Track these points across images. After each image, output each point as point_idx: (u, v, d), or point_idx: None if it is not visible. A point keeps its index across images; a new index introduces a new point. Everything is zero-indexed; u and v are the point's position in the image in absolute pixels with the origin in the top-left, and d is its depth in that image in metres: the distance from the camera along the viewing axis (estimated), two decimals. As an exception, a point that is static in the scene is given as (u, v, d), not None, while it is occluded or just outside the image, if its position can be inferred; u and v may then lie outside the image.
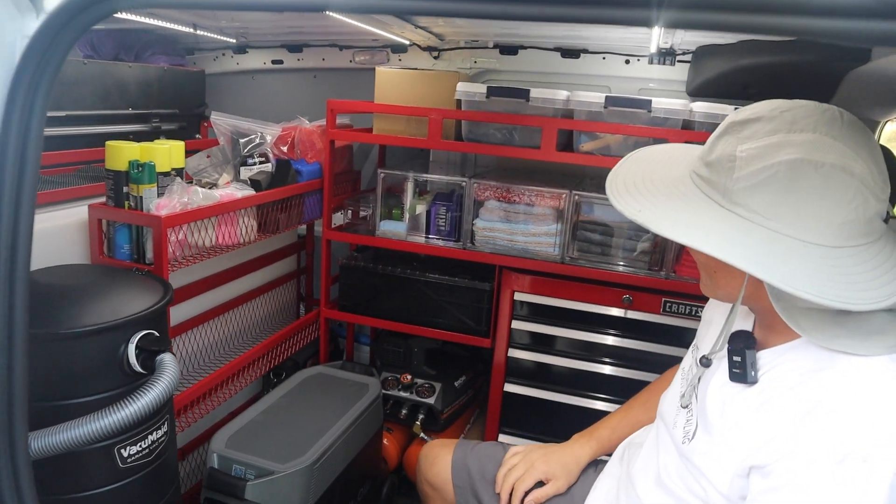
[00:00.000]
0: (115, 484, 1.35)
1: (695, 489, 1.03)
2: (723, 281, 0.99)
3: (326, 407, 2.02)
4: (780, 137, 0.87)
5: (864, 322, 0.88)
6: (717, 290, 1.02)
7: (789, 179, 0.84)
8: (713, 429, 1.01)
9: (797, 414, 0.86)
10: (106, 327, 1.27)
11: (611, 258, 2.14)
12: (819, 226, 0.84)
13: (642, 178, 1.00)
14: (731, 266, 0.86)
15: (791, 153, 0.85)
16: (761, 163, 0.86)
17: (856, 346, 0.85)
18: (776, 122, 0.89)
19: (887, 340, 0.85)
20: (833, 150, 0.84)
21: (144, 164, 1.60)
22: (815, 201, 0.84)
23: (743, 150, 0.88)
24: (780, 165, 0.85)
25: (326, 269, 2.43)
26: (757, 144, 0.88)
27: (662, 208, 0.93)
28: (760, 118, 0.90)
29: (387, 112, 2.23)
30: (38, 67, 0.82)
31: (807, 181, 0.84)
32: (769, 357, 0.97)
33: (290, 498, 1.69)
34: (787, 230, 0.85)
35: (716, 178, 0.90)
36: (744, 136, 0.90)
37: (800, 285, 0.80)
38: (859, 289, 0.81)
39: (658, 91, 2.44)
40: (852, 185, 0.83)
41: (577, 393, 2.20)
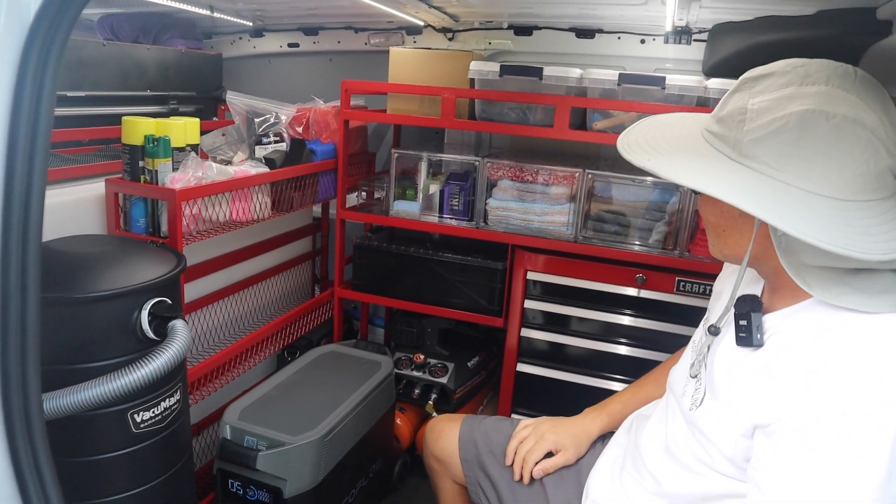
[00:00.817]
0: (129, 449, 1.38)
1: (701, 456, 1.03)
2: (731, 239, 0.99)
3: (338, 383, 2.04)
4: (792, 90, 0.87)
5: (870, 281, 0.87)
6: (724, 249, 1.02)
7: (800, 129, 0.84)
8: (719, 393, 1.00)
9: (801, 372, 0.85)
10: (120, 293, 1.30)
11: (624, 237, 2.13)
12: (828, 177, 0.83)
13: (654, 136, 1.01)
14: (740, 223, 0.86)
15: (802, 104, 0.84)
16: (772, 114, 0.86)
17: (862, 302, 0.85)
18: (789, 76, 0.88)
19: (893, 299, 0.84)
20: (845, 102, 0.84)
21: (159, 138, 1.62)
22: (824, 152, 0.83)
23: (755, 103, 0.88)
24: (791, 116, 0.84)
25: (340, 249, 2.45)
26: (769, 97, 0.88)
27: (673, 159, 0.94)
28: (773, 73, 0.90)
29: (399, 91, 2.24)
30: (50, 26, 0.84)
31: (817, 132, 0.83)
32: (775, 320, 0.96)
33: (300, 469, 1.72)
34: (796, 181, 0.84)
35: (727, 132, 0.90)
36: (756, 90, 0.90)
37: (807, 230, 0.79)
38: (866, 240, 0.80)
39: (674, 71, 2.41)
40: (863, 137, 0.83)
41: (590, 373, 2.20)
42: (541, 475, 1.39)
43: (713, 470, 1.01)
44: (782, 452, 0.85)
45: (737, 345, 1.00)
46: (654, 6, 2.06)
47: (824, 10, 1.86)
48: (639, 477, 1.17)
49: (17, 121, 0.85)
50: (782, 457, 0.85)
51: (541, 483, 1.40)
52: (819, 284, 0.87)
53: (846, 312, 0.86)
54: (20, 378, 0.91)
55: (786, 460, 0.84)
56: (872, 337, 0.83)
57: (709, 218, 1.02)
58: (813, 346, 0.87)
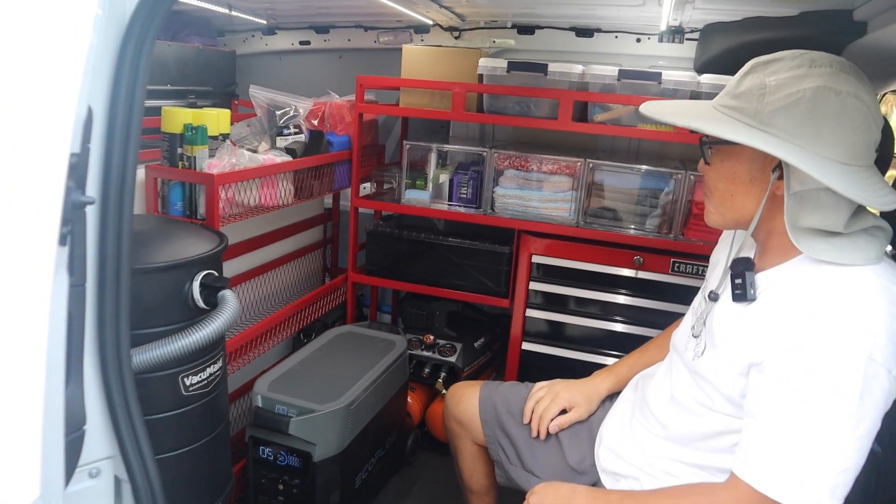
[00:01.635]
0: (179, 410, 1.50)
1: (702, 399, 1.18)
2: (738, 203, 1.13)
3: (357, 360, 2.17)
4: (804, 70, 1.02)
5: (849, 241, 1.03)
6: (729, 214, 1.15)
7: (813, 102, 0.99)
8: (718, 343, 1.15)
9: (788, 316, 1.01)
10: (173, 265, 1.42)
11: (623, 222, 2.28)
12: (835, 143, 1.00)
13: (673, 108, 1.16)
14: (750, 186, 1.06)
15: (814, 81, 1.00)
16: (789, 89, 1.01)
17: (842, 257, 1.01)
18: (798, 59, 1.04)
19: (866, 253, 1.01)
20: (847, 82, 1.00)
21: (198, 127, 1.75)
22: (833, 122, 0.99)
23: (772, 80, 1.04)
24: (806, 91, 1.00)
25: (354, 236, 2.59)
26: (784, 76, 1.03)
27: (705, 123, 1.09)
28: (783, 58, 1.06)
29: (413, 86, 2.38)
30: (144, 22, 0.97)
31: (827, 105, 0.99)
32: (765, 277, 1.12)
33: (328, 435, 1.85)
34: (809, 146, 1.00)
35: (746, 105, 1.05)
36: (770, 70, 1.05)
37: (827, 178, 0.96)
38: (871, 192, 0.98)
39: (667, 68, 2.56)
40: (862, 112, 0.99)
41: (591, 350, 2.35)
42: (556, 430, 1.53)
43: (713, 410, 1.16)
44: (773, 383, 1.00)
45: (733, 301, 1.15)
46: (650, 7, 2.21)
47: (806, 11, 2.02)
48: (647, 424, 1.32)
49: (114, 108, 0.97)
50: (773, 387, 1.00)
51: (556, 438, 1.54)
52: (808, 243, 1.03)
53: (825, 267, 1.02)
54: (114, 339, 1.03)
55: (776, 389, 1.00)
56: (845, 285, 0.99)
57: (717, 184, 1.16)
58: (799, 294, 1.02)
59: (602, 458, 1.40)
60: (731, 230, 1.31)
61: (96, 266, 0.99)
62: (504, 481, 1.64)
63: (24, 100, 0.70)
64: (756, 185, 1.10)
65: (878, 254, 1.03)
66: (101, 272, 1.00)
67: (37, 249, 0.72)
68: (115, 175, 0.98)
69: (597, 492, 1.26)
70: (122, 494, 1.12)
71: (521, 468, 1.56)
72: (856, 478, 0.98)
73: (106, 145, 0.97)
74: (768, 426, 1.01)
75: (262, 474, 1.91)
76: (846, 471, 0.96)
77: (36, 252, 0.72)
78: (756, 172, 1.09)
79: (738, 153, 1.10)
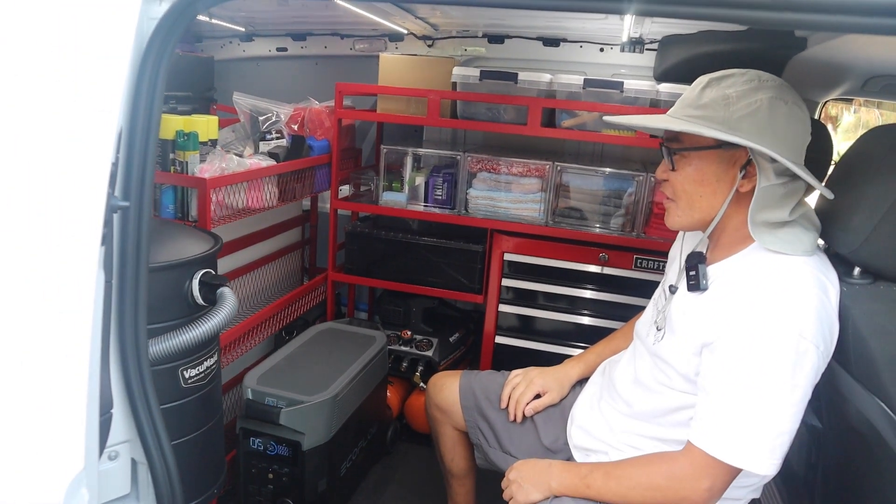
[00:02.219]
0: (178, 402, 1.59)
1: (662, 379, 1.33)
2: (707, 203, 1.26)
3: (339, 354, 2.27)
4: (755, 84, 1.19)
5: (791, 233, 1.20)
6: (696, 214, 1.28)
7: (769, 110, 1.17)
8: (676, 328, 1.30)
9: (734, 302, 1.17)
10: (174, 264, 1.51)
11: (588, 221, 2.43)
12: (788, 144, 1.17)
13: (644, 119, 1.34)
14: (716, 187, 1.22)
15: (767, 93, 1.18)
16: (748, 99, 1.17)
17: (786, 247, 1.18)
18: (747, 75, 1.21)
19: (804, 245, 1.19)
20: (790, 93, 1.19)
21: (189, 133, 1.84)
22: (785, 126, 1.17)
23: (731, 92, 1.19)
24: (763, 100, 1.17)
25: (333, 236, 2.69)
26: (741, 88, 1.19)
27: (677, 123, 1.23)
28: (734, 74, 1.22)
29: (390, 93, 2.49)
30: (162, 42, 1.07)
31: (780, 112, 1.17)
32: (716, 269, 1.28)
33: (316, 425, 1.95)
34: (770, 147, 1.15)
35: (713, 113, 1.20)
36: (725, 84, 1.21)
37: (796, 167, 1.14)
38: None
39: (628, 76, 2.73)
40: (803, 118, 1.19)
41: (560, 342, 2.50)
42: (531, 413, 1.67)
43: (671, 389, 1.31)
44: (721, 360, 1.16)
45: (688, 291, 1.30)
46: (612, 20, 2.37)
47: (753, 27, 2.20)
48: (614, 403, 1.46)
49: (135, 120, 1.07)
50: (721, 363, 1.16)
51: (532, 421, 1.67)
52: (760, 234, 1.19)
53: (765, 259, 1.18)
54: (133, 332, 1.13)
55: (724, 365, 1.15)
56: (782, 274, 1.16)
57: (686, 188, 1.28)
58: (742, 283, 1.19)
59: (574, 436, 1.54)
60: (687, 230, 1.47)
61: (118, 264, 1.08)
62: (483, 463, 1.77)
63: (80, 116, 0.80)
64: (722, 184, 1.24)
65: (812, 246, 1.20)
66: (122, 269, 1.09)
67: (86, 249, 0.82)
68: (136, 181, 1.08)
69: (569, 464, 1.41)
70: (138, 476, 1.21)
71: (500, 450, 1.69)
72: (798, 450, 1.15)
73: (127, 154, 1.06)
74: (717, 398, 1.16)
75: (253, 464, 2.00)
76: (782, 434, 1.12)
77: (85, 251, 0.82)
78: (721, 173, 1.24)
79: (706, 156, 1.24)
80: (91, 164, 0.81)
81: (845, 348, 1.16)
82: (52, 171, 0.76)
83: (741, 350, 1.13)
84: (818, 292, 1.13)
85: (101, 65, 0.82)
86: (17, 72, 0.78)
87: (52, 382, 0.80)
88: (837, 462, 1.42)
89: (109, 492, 1.15)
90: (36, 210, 0.76)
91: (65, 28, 0.79)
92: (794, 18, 0.89)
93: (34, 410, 0.79)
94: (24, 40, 0.82)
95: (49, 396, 0.80)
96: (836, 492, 1.47)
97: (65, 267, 0.79)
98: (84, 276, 0.83)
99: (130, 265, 1.11)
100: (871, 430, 1.12)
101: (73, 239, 0.79)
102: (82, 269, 0.82)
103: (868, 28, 0.87)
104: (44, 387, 0.79)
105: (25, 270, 0.75)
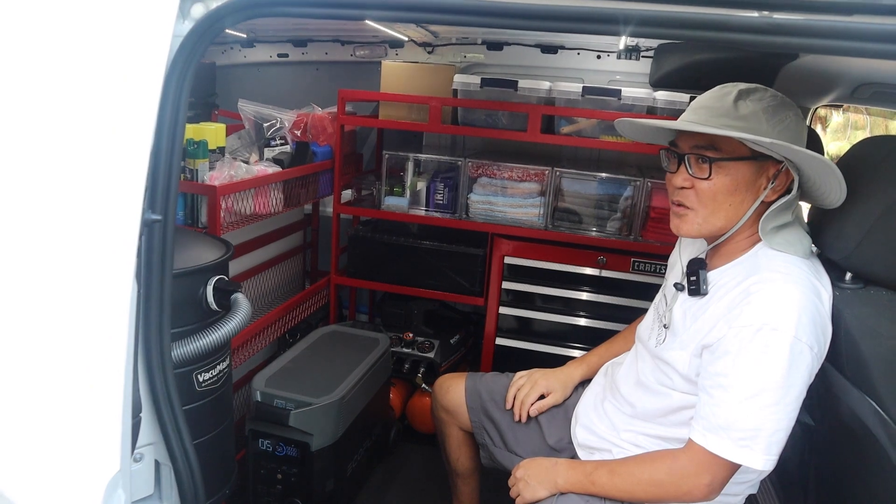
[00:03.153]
0: (193, 404, 1.63)
1: (663, 380, 1.38)
2: (733, 211, 1.30)
3: (345, 356, 2.32)
4: (780, 99, 1.28)
5: (791, 234, 1.28)
6: (718, 222, 1.31)
7: (796, 125, 1.26)
8: (678, 332, 1.36)
9: (734, 304, 1.23)
10: (190, 271, 1.55)
11: (586, 225, 2.49)
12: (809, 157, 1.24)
13: (690, 122, 1.34)
14: (745, 192, 1.28)
15: (792, 110, 1.27)
16: (780, 114, 1.25)
17: (788, 247, 1.26)
18: (769, 91, 1.29)
19: (803, 246, 1.27)
20: (801, 112, 1.27)
21: (199, 142, 1.88)
22: (803, 140, 1.27)
23: (766, 105, 1.26)
24: (790, 116, 1.26)
25: (336, 240, 2.73)
26: (772, 103, 1.27)
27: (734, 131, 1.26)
28: (757, 89, 1.29)
29: (392, 100, 2.54)
30: (186, 58, 1.11)
31: (801, 127, 1.27)
32: (715, 275, 1.33)
33: (324, 426, 2.00)
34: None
35: (755, 126, 1.25)
36: (755, 98, 1.27)
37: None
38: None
39: (625, 82, 2.79)
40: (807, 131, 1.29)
41: (559, 344, 2.55)
42: (536, 413, 1.72)
43: (673, 389, 1.36)
44: (721, 361, 1.22)
45: (689, 295, 1.36)
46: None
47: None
48: (617, 404, 1.52)
49: (160, 137, 1.11)
50: (720, 364, 1.22)
51: (536, 421, 1.73)
52: (767, 237, 1.27)
53: (762, 265, 1.25)
54: (158, 336, 1.17)
55: (723, 366, 1.21)
56: (778, 280, 1.22)
57: (716, 196, 1.29)
58: (742, 286, 1.25)
59: (578, 435, 1.59)
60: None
61: (145, 273, 1.12)
62: (488, 463, 1.82)
63: (122, 140, 0.84)
64: (749, 194, 1.29)
65: (809, 248, 1.29)
66: (148, 278, 1.13)
67: (124, 261, 0.86)
68: (162, 194, 1.12)
69: (575, 462, 1.46)
70: (162, 477, 1.25)
71: (505, 450, 1.75)
72: (792, 447, 1.20)
73: (154, 169, 1.11)
74: (716, 397, 1.22)
75: (262, 464, 2.04)
76: (778, 431, 1.18)
77: (123, 263, 0.87)
78: (751, 184, 1.29)
79: (743, 166, 1.27)
80: (131, 182, 0.86)
81: (838, 350, 1.22)
82: (97, 191, 0.81)
83: (739, 352, 1.19)
84: (812, 297, 1.19)
85: (140, 86, 0.87)
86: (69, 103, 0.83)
87: (94, 387, 0.84)
88: (830, 459, 1.47)
89: (135, 492, 1.19)
90: (80, 225, 0.80)
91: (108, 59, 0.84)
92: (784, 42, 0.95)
93: (77, 414, 0.83)
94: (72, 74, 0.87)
95: (90, 401, 0.84)
96: (828, 487, 1.53)
97: (106, 279, 0.83)
98: (122, 287, 0.87)
99: (156, 274, 1.15)
100: (863, 427, 1.18)
101: (113, 252, 0.84)
102: (121, 280, 0.87)
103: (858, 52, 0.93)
104: (86, 391, 0.83)
105: (74, 283, 0.80)
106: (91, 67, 0.85)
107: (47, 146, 0.83)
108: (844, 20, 0.90)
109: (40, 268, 0.79)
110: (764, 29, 0.93)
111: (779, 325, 1.16)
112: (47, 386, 0.83)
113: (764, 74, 2.36)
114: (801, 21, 0.91)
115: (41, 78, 0.87)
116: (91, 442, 0.86)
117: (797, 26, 0.92)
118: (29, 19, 0.95)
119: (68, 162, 0.81)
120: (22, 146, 0.85)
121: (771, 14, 0.93)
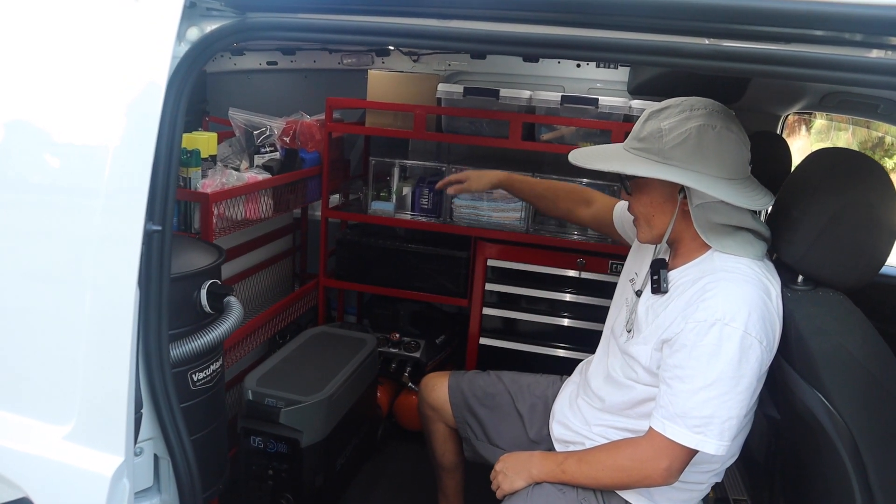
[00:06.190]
0: (188, 403, 1.70)
1: (629, 374, 1.48)
2: (657, 221, 1.43)
3: (333, 357, 2.40)
4: (686, 114, 1.35)
5: (740, 237, 1.37)
6: (653, 232, 1.45)
7: (698, 137, 1.32)
8: (642, 327, 1.46)
9: (690, 301, 1.33)
10: (184, 275, 1.61)
11: (567, 229, 2.59)
12: (719, 165, 1.32)
13: (594, 153, 1.46)
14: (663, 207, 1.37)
15: (696, 122, 1.33)
16: (679, 129, 1.33)
17: (737, 249, 1.36)
18: (681, 106, 1.36)
19: (755, 249, 1.36)
20: (719, 118, 1.34)
21: (192, 150, 1.95)
22: (714, 149, 1.32)
23: (665, 124, 1.35)
24: (691, 129, 1.32)
25: (324, 244, 2.81)
26: (673, 120, 1.35)
27: (623, 163, 1.39)
28: (670, 106, 1.38)
29: (379, 108, 2.63)
30: (182, 78, 1.19)
31: (708, 137, 1.32)
32: (675, 274, 1.44)
33: (314, 423, 2.08)
34: (702, 169, 1.32)
35: (650, 145, 1.36)
36: (662, 117, 1.37)
37: (717, 192, 1.29)
38: (750, 197, 1.32)
39: (604, 90, 2.90)
40: (733, 139, 1.34)
41: (542, 343, 2.65)
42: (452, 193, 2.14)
43: (637, 382, 1.47)
44: (678, 354, 1.32)
45: (652, 293, 1.46)
46: (587, 39, 2.52)
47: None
48: (589, 400, 1.61)
49: (159, 149, 1.19)
50: (678, 357, 1.32)
51: (519, 415, 1.82)
52: (714, 238, 1.37)
53: (717, 265, 1.35)
54: (156, 337, 1.25)
55: (679, 358, 1.31)
56: (730, 279, 1.32)
57: (640, 209, 1.46)
58: (698, 284, 1.35)
59: (554, 430, 1.69)
60: None
61: (145, 278, 1.20)
62: (472, 456, 1.91)
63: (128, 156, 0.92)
64: (668, 205, 1.41)
65: (761, 253, 1.38)
66: (147, 283, 1.21)
67: (130, 268, 0.95)
68: (160, 205, 1.20)
69: (548, 454, 1.56)
70: (160, 470, 1.33)
71: (488, 443, 1.84)
72: (759, 438, 1.30)
73: (153, 181, 1.19)
74: (673, 387, 1.32)
75: (253, 461, 2.12)
76: (730, 419, 1.28)
77: (129, 270, 0.95)
78: (667, 196, 1.40)
79: (652, 182, 1.40)
80: (136, 196, 0.94)
81: (789, 347, 1.32)
82: (108, 205, 0.89)
83: (694, 345, 1.29)
84: (762, 294, 1.30)
85: (144, 105, 0.95)
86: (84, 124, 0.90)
87: (105, 382, 0.92)
88: (792, 449, 1.58)
89: (136, 484, 1.27)
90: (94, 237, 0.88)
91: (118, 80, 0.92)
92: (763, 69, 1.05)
93: (88, 407, 0.91)
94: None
95: (101, 395, 0.92)
96: (792, 476, 1.63)
97: (115, 285, 0.91)
98: (127, 292, 0.95)
99: (155, 280, 1.23)
100: (813, 419, 1.27)
101: (120, 261, 0.92)
102: (127, 286, 0.95)
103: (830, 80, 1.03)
104: (97, 386, 0.91)
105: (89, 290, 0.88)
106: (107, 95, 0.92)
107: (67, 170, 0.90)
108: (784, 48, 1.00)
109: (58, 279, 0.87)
110: (713, 55, 1.03)
111: (730, 321, 1.26)
112: (59, 381, 0.91)
113: (735, 83, 2.46)
114: (745, 49, 1.00)
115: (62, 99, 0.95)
116: (99, 434, 0.94)
117: (742, 54, 1.02)
118: (44, 41, 1.03)
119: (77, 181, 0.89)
120: (51, 168, 0.92)
121: (719, 42, 1.03)
